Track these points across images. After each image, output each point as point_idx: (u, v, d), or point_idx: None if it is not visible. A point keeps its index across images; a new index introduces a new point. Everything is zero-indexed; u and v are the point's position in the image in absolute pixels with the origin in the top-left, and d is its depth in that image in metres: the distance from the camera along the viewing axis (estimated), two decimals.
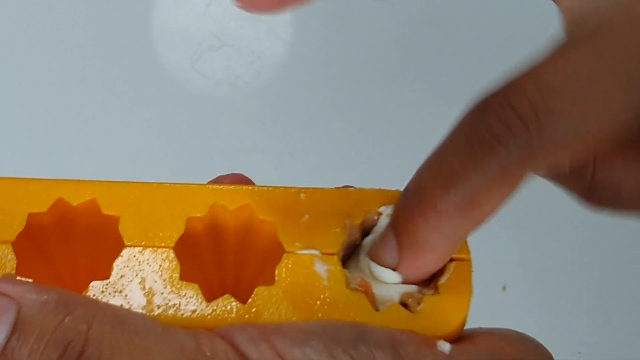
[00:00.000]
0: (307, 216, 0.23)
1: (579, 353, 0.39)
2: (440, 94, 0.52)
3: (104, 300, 0.21)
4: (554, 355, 0.23)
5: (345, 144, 0.50)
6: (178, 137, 0.51)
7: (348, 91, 0.53)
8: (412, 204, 0.22)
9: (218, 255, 0.25)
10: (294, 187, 0.24)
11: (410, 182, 0.22)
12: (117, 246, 0.22)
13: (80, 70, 0.54)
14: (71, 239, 0.24)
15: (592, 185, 0.25)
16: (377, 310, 0.22)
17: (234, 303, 0.22)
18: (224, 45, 0.54)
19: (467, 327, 0.23)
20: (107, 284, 0.22)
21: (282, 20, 0.55)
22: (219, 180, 0.26)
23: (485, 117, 0.21)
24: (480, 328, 0.23)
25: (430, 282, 0.23)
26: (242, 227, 0.24)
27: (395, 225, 0.22)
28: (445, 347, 0.21)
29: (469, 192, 0.21)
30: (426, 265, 0.22)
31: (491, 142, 0.21)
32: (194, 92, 0.53)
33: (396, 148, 0.50)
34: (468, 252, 0.24)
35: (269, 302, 0.22)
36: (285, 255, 0.23)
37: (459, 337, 0.23)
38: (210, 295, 0.22)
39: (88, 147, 0.51)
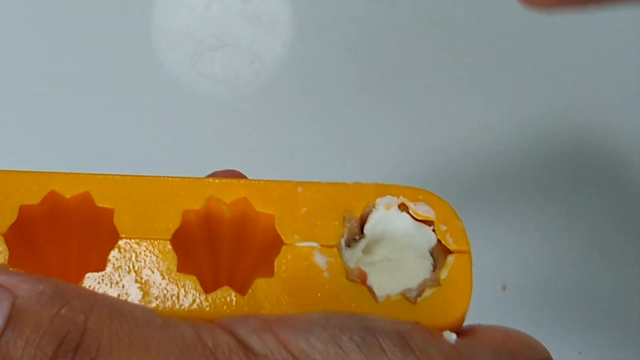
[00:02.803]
0: (305, 209, 0.23)
1: (579, 353, 0.39)
2: (441, 94, 0.52)
3: (101, 292, 0.21)
4: (554, 355, 0.23)
5: (346, 143, 0.50)
6: (178, 137, 0.51)
7: (348, 91, 0.52)
8: None
9: (214, 248, 0.25)
10: (291, 181, 0.24)
11: None
12: (112, 238, 0.22)
13: (78, 70, 0.53)
14: (63, 231, 0.23)
15: None
16: (377, 301, 0.22)
17: (233, 295, 0.21)
18: (224, 45, 0.54)
19: (467, 325, 0.23)
20: (102, 276, 0.21)
21: (282, 20, 0.55)
22: (213, 176, 0.26)
23: None
24: (480, 324, 0.23)
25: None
26: (238, 220, 0.24)
27: None
28: (451, 337, 0.21)
29: None
30: None
31: None
32: (194, 92, 0.53)
33: (397, 148, 0.50)
34: (468, 244, 0.24)
35: (268, 294, 0.21)
36: (284, 247, 0.22)
37: (460, 331, 0.22)
38: (206, 288, 0.22)
39: (85, 146, 0.50)
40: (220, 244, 0.24)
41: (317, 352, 0.19)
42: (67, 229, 0.23)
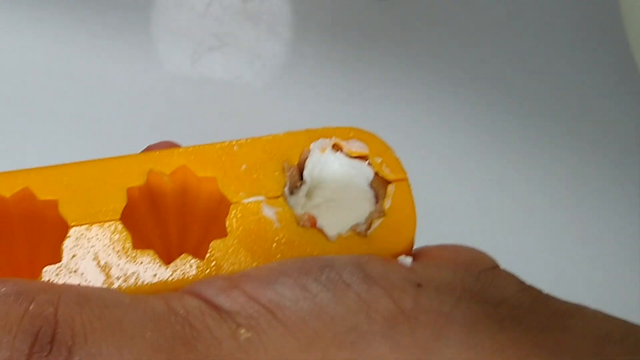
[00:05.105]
0: (244, 166, 0.24)
1: None
2: (443, 94, 0.53)
3: (61, 282, 0.21)
4: None
5: None
6: (178, 137, 0.51)
7: (349, 91, 0.53)
8: None
9: (161, 220, 0.25)
10: (225, 142, 0.24)
11: None
12: (61, 229, 0.22)
13: (77, 69, 0.52)
14: (8, 232, 0.23)
15: None
16: (330, 241, 0.23)
17: (192, 261, 0.22)
18: (224, 45, 0.53)
19: (416, 248, 0.24)
20: (60, 267, 0.21)
21: (282, 20, 0.54)
22: (149, 149, 0.26)
23: None
24: (428, 245, 0.24)
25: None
26: (181, 188, 0.24)
27: None
28: (406, 261, 0.22)
29: None
30: None
31: None
32: (193, 92, 0.52)
33: (398, 148, 0.51)
34: (404, 172, 0.25)
35: (226, 254, 0.22)
36: (232, 206, 0.23)
37: (412, 254, 0.24)
38: (164, 259, 0.22)
39: (79, 150, 0.49)
40: (167, 214, 0.25)
41: (286, 300, 0.20)
42: (11, 228, 0.23)
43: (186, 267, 0.22)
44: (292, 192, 0.24)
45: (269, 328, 0.19)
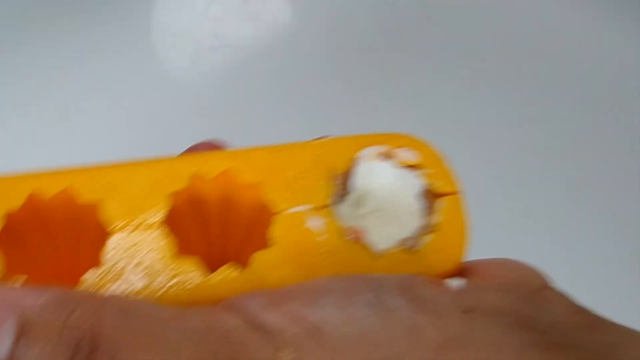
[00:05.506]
0: (290, 172, 0.23)
1: None
2: (443, 77, 0.53)
3: (103, 288, 0.21)
4: None
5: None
6: (178, 136, 0.51)
7: (349, 91, 0.52)
8: None
9: (205, 226, 0.24)
10: (271, 146, 0.23)
11: None
12: (103, 232, 0.21)
13: (78, 69, 0.52)
14: (51, 232, 0.23)
15: None
16: (377, 256, 0.22)
17: (236, 271, 0.21)
18: (224, 45, 0.53)
19: (466, 262, 0.23)
20: (102, 272, 0.21)
21: (282, 21, 0.54)
22: (191, 150, 0.25)
23: None
24: (478, 260, 0.23)
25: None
26: (224, 194, 0.23)
27: None
28: (455, 283, 0.21)
29: None
30: None
31: None
32: (194, 92, 0.52)
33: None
34: (456, 185, 0.23)
35: (269, 266, 0.21)
36: (276, 216, 0.22)
37: (461, 270, 0.23)
38: (207, 267, 0.21)
39: (81, 149, 0.49)
40: (209, 220, 0.24)
41: (331, 321, 0.19)
42: (55, 229, 0.22)
43: (229, 277, 0.21)
44: (338, 201, 0.23)
45: (312, 350, 0.19)
